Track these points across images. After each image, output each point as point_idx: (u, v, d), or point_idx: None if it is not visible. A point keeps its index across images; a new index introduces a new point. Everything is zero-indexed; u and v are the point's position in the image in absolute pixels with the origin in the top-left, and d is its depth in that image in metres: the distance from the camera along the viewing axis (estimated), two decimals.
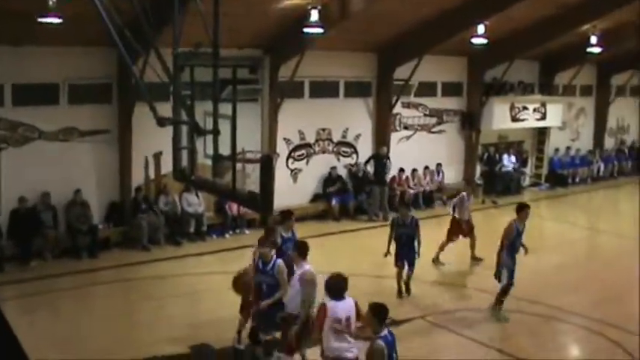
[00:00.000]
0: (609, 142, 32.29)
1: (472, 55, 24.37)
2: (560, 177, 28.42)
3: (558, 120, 28.08)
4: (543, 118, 27.00)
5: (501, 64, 24.89)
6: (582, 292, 15.54)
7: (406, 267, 14.53)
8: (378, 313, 7.87)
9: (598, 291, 15.64)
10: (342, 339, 8.80)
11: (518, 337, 12.72)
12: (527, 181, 27.79)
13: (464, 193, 17.96)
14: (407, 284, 14.67)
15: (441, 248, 17.25)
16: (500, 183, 25.91)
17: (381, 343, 7.70)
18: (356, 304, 8.94)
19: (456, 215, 17.55)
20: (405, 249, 14.42)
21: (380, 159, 22.10)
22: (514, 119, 25.90)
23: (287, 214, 12.84)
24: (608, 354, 12.19)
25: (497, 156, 26.38)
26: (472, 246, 17.43)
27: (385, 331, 7.81)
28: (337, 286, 8.76)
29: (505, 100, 25.54)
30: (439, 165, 24.09)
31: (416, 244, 14.44)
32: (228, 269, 15.75)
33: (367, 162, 22.40)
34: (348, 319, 8.80)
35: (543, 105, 26.87)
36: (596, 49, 24.92)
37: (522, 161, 27.37)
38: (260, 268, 10.48)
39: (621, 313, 14.13)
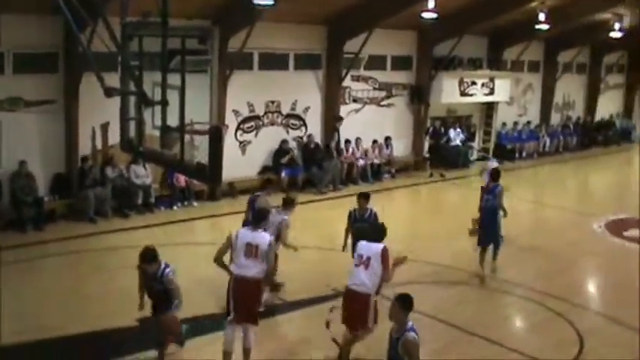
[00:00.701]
0: (555, 118, 32.81)
1: (422, 30, 24.46)
2: (507, 151, 28.77)
3: (506, 95, 28.40)
4: (491, 93, 27.28)
5: (451, 38, 25.05)
6: (527, 264, 15.85)
7: None
8: (404, 303, 7.87)
9: (542, 263, 15.99)
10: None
11: (463, 308, 12.91)
12: (474, 155, 28.07)
13: (496, 164, 18.72)
14: None
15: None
16: (448, 157, 26.15)
17: (415, 335, 7.70)
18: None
19: None
20: None
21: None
22: (463, 94, 26.13)
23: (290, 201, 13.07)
24: (551, 325, 12.46)
25: (443, 130, 26.59)
26: None
27: (410, 322, 7.82)
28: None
29: (454, 74, 25.75)
30: (388, 138, 24.19)
31: None
32: (177, 241, 15.78)
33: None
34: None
35: (492, 80, 27.13)
36: (544, 26, 25.23)
37: (470, 135, 27.62)
38: None
39: (564, 285, 14.48)
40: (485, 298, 13.73)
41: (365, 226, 11.77)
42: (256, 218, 10.40)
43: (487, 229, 14.69)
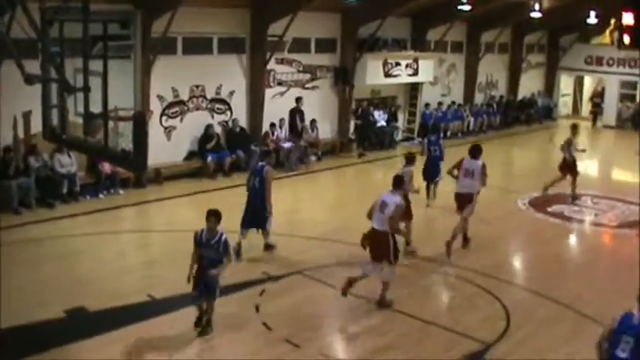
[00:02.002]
0: (479, 97, 33.30)
1: (346, 12, 24.50)
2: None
3: (430, 75, 28.69)
4: (415, 73, 27.50)
5: (374, 20, 25.15)
6: (454, 242, 16.02)
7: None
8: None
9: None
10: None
11: (393, 288, 13.00)
12: (400, 136, 28.30)
13: (572, 139, 20.18)
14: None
15: (552, 183, 20.15)
16: (374, 138, 26.30)
17: None
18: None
19: (566, 156, 19.77)
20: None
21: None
22: (387, 75, 26.27)
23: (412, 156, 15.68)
24: (480, 301, 12.73)
25: (370, 110, 26.71)
26: (573, 183, 19.76)
27: None
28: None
29: (378, 56, 25.86)
30: (313, 121, 24.18)
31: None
32: (103, 230, 15.56)
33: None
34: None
35: (415, 61, 27.35)
36: (466, 7, 25.57)
37: (394, 116, 27.80)
38: None
39: (491, 262, 14.78)
40: (414, 277, 13.87)
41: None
42: (394, 184, 12.60)
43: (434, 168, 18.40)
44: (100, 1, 12.29)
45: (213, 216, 10.55)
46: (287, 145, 22.85)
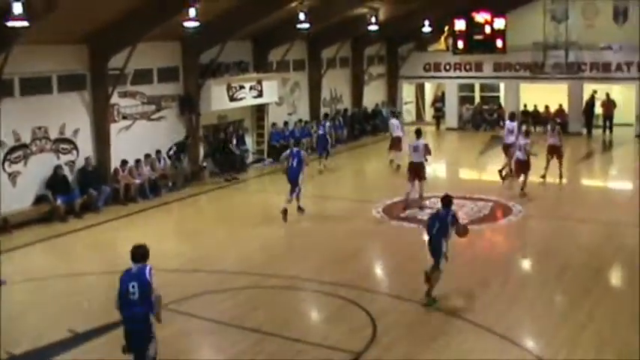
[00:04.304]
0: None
1: (186, 39, 24.37)
2: (281, 150, 29.07)
3: (274, 96, 28.89)
4: (260, 95, 27.66)
5: (215, 45, 25.17)
6: (314, 257, 16.26)
7: None
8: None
9: (329, 254, 16.47)
10: None
11: (258, 311, 13.05)
12: (250, 158, 28.33)
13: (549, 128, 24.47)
14: None
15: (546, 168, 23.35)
16: (226, 162, 26.20)
17: None
18: None
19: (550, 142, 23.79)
20: None
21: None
22: (232, 99, 26.31)
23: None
24: (345, 312, 12.94)
25: (219, 136, 26.63)
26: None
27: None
28: None
29: (221, 81, 25.85)
30: (159, 152, 23.69)
31: None
32: None
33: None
34: None
35: (259, 82, 27.52)
36: (305, 25, 25.96)
37: (242, 139, 27.77)
38: None
39: (353, 272, 15.06)
40: (277, 297, 13.94)
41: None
42: (417, 135, 20.85)
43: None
44: None
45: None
46: (138, 180, 22.37)
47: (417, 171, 20.42)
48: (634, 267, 15.44)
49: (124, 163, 22.35)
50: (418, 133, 20.95)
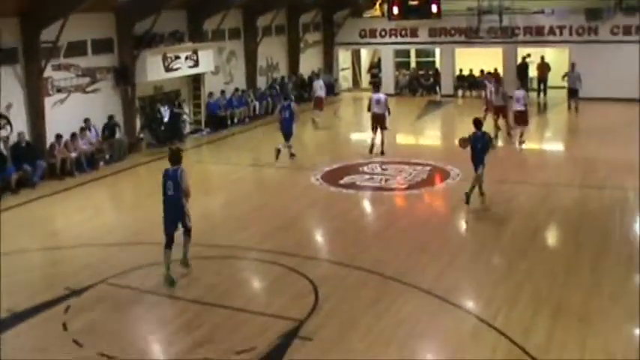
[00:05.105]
0: (261, 81, 33.66)
1: (119, 10, 24.01)
2: (219, 120, 29.09)
3: (211, 65, 28.68)
4: (196, 65, 27.42)
5: (149, 16, 24.82)
6: (254, 226, 16.29)
7: None
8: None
9: (269, 223, 16.52)
10: None
11: (199, 282, 13.03)
12: (188, 129, 28.12)
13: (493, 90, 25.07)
14: None
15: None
16: (163, 133, 25.99)
17: None
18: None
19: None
20: None
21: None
22: (168, 69, 26.01)
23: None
24: (287, 280, 13.03)
25: (156, 107, 26.36)
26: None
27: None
28: None
29: (157, 51, 25.52)
30: (87, 120, 23.22)
31: None
32: None
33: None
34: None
35: (195, 52, 27.26)
36: None
37: (180, 109, 27.52)
38: None
39: (293, 240, 15.17)
40: (218, 267, 13.94)
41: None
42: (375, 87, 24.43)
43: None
44: None
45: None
46: (74, 154, 22.02)
47: (379, 121, 22.91)
48: (569, 226, 15.86)
49: (59, 137, 21.97)
50: (376, 87, 25.00)
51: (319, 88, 30.00)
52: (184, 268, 13.32)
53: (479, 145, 16.98)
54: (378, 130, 22.98)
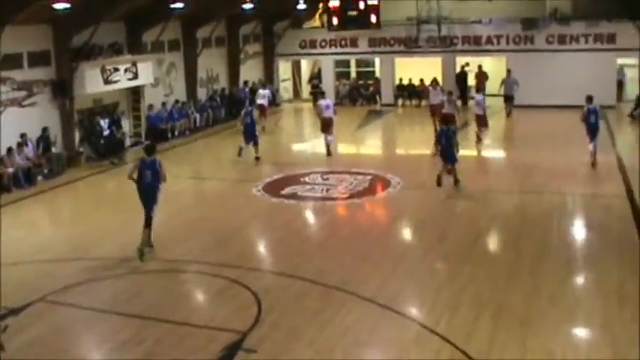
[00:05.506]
0: (202, 93, 33.51)
1: (56, 22, 23.66)
2: (159, 132, 28.78)
3: (150, 77, 28.46)
4: (135, 77, 27.16)
5: (88, 27, 24.53)
6: (196, 239, 16.17)
7: None
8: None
9: (208, 235, 16.45)
10: None
11: (141, 297, 12.88)
12: (128, 142, 27.82)
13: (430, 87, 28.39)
14: None
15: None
16: (102, 147, 25.63)
17: None
18: None
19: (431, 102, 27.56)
20: None
21: None
22: (107, 82, 25.71)
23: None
24: (230, 293, 12.94)
25: (95, 120, 26.01)
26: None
27: None
28: None
29: (95, 64, 25.21)
30: (23, 135, 22.76)
31: None
32: None
33: None
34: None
35: (134, 64, 27.01)
36: (179, 5, 25.66)
37: (119, 122, 27.22)
38: None
39: (235, 252, 15.09)
40: (160, 281, 13.79)
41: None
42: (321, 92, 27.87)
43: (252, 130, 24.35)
44: None
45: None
46: (10, 170, 21.56)
47: (328, 124, 24.89)
48: (509, 231, 16.09)
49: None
50: (322, 94, 27.46)
51: (262, 96, 30.62)
52: (150, 248, 14.74)
53: (443, 141, 19.07)
54: (326, 133, 24.90)
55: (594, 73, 32.05)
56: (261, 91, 31.51)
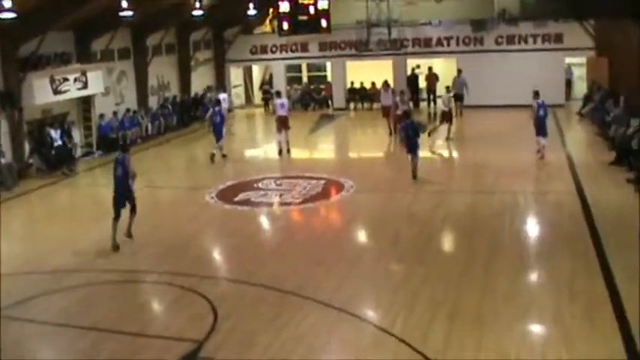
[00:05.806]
0: (153, 101, 33.31)
1: (2, 31, 23.25)
2: (111, 142, 28.44)
3: (100, 86, 28.23)
4: (85, 86, 26.92)
5: (35, 37, 24.25)
6: (148, 248, 16.05)
7: None
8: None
9: (162, 245, 16.33)
10: None
11: (95, 308, 12.75)
12: (79, 152, 27.52)
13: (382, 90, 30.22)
14: None
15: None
16: (53, 158, 25.30)
17: None
18: None
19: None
20: None
21: None
22: (56, 92, 25.41)
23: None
24: (185, 301, 12.88)
25: (45, 131, 25.66)
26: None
27: None
28: None
29: (44, 74, 24.92)
30: None
31: None
32: None
33: None
34: None
35: (84, 74, 26.76)
36: (128, 13, 25.48)
37: (70, 132, 26.92)
38: None
39: (190, 260, 15.03)
40: (114, 292, 13.66)
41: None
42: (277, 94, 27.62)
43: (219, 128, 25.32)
44: None
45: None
46: None
47: (283, 122, 25.94)
48: (462, 230, 16.25)
49: None
50: (278, 94, 27.74)
51: (223, 100, 30.25)
52: (129, 239, 15.82)
53: (410, 132, 20.69)
54: (283, 131, 25.88)
55: (543, 73, 32.60)
56: (220, 95, 31.27)
